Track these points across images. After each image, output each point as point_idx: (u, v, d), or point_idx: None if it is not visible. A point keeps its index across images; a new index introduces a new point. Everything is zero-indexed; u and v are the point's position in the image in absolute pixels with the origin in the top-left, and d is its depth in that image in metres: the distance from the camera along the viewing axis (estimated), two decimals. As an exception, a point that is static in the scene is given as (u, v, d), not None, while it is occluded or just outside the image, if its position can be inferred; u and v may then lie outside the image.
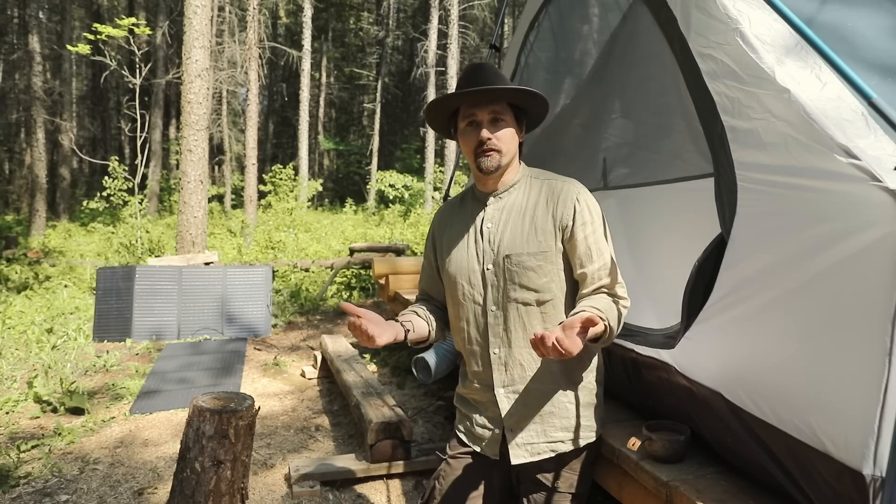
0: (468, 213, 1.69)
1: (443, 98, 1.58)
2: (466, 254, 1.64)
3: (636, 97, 2.51)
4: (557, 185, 1.60)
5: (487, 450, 1.65)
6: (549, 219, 1.56)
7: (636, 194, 2.60)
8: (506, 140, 1.57)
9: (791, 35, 1.65)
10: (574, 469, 1.62)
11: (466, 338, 1.67)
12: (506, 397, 1.60)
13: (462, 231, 1.68)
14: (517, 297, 1.56)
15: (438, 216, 1.81)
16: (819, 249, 1.44)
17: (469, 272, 1.63)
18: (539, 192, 1.61)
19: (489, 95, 1.53)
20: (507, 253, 1.57)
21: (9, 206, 23.96)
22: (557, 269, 1.57)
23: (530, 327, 1.57)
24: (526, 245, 1.56)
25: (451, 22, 19.45)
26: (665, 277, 2.12)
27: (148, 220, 13.85)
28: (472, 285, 1.62)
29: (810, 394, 1.46)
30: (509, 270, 1.56)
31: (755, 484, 1.74)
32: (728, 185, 1.78)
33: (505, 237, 1.59)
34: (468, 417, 1.70)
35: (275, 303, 7.39)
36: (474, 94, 1.52)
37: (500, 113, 1.56)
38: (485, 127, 1.55)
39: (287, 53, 21.97)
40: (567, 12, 3.27)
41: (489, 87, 1.50)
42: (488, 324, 1.61)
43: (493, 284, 1.59)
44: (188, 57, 8.05)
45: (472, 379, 1.69)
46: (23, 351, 5.39)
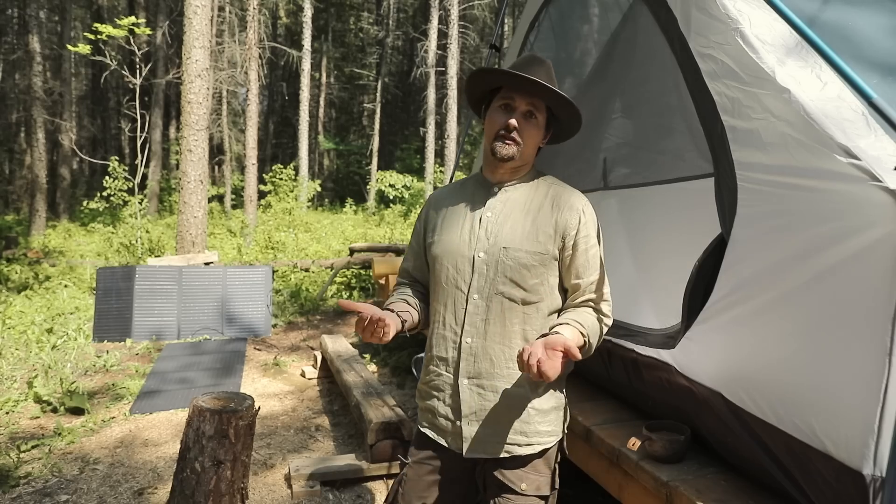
0: (469, 198, 1.67)
1: (494, 70, 1.59)
2: (458, 237, 1.62)
3: (636, 97, 2.51)
4: (565, 193, 1.61)
5: (452, 443, 1.61)
6: (551, 223, 1.56)
7: (636, 194, 2.60)
8: (529, 137, 1.57)
9: (791, 35, 1.65)
10: (539, 471, 1.59)
11: (441, 321, 1.64)
12: (469, 389, 1.58)
13: (459, 214, 1.66)
14: (504, 291, 1.55)
15: (435, 197, 1.78)
16: (819, 249, 1.44)
17: (457, 256, 1.61)
18: (545, 195, 1.61)
19: (536, 89, 1.53)
20: (504, 245, 1.56)
21: (9, 206, 23.94)
22: (549, 275, 1.57)
23: (510, 325, 1.56)
24: (525, 242, 1.55)
25: (451, 22, 19.44)
26: (665, 277, 2.12)
27: (148, 220, 13.85)
28: (458, 270, 1.60)
29: (810, 394, 1.46)
30: (503, 263, 1.55)
31: (755, 484, 1.74)
32: (728, 185, 1.78)
33: (505, 229, 1.58)
34: (431, 410, 1.66)
35: (275, 303, 7.39)
36: (523, 81, 1.52)
37: (537, 110, 1.56)
38: (517, 114, 1.55)
39: (287, 53, 21.97)
40: (567, 12, 3.27)
41: (539, 80, 1.50)
42: (468, 311, 1.58)
43: (482, 273, 1.57)
44: (188, 57, 8.04)
45: (436, 366, 1.65)
46: (23, 351, 5.39)
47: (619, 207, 2.64)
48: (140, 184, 10.25)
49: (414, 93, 27.47)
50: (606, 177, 2.71)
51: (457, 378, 1.60)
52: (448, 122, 19.84)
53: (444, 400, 1.63)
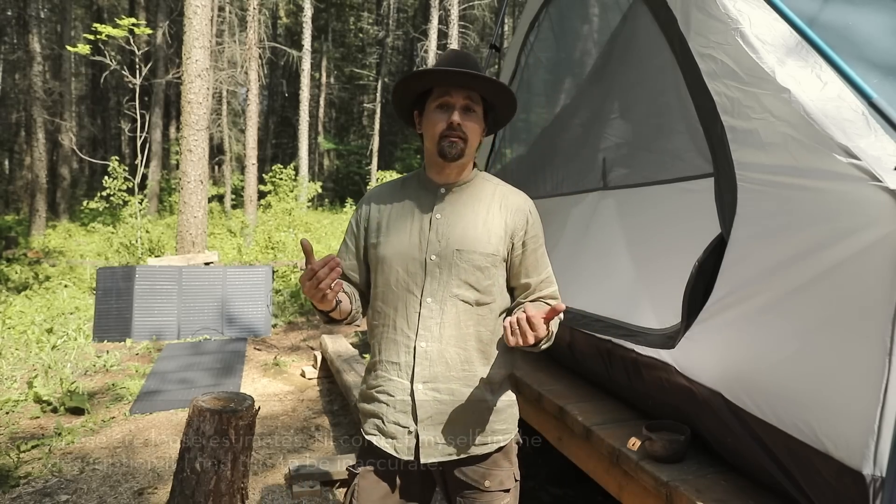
0: (414, 200, 1.64)
1: (422, 72, 1.54)
2: (408, 240, 1.59)
3: (636, 97, 2.51)
4: (511, 194, 1.64)
5: (402, 449, 1.57)
6: (501, 225, 1.57)
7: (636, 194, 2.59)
8: (471, 132, 1.55)
9: (791, 35, 1.65)
10: (500, 465, 1.59)
11: (391, 325, 1.60)
12: (424, 393, 1.55)
13: (404, 216, 1.62)
14: (459, 294, 1.54)
15: (374, 195, 1.72)
16: (819, 249, 1.44)
17: (408, 259, 1.57)
18: (492, 196, 1.61)
19: (469, 80, 1.51)
20: (457, 247, 1.54)
21: (9, 206, 23.94)
22: (500, 276, 1.59)
23: (464, 327, 1.54)
24: (477, 244, 1.54)
25: (451, 22, 19.44)
26: (665, 277, 2.11)
27: (148, 220, 13.84)
28: (409, 273, 1.57)
29: (810, 394, 1.46)
30: (457, 266, 1.53)
31: (755, 484, 1.74)
32: (728, 184, 1.78)
33: (456, 231, 1.56)
34: (377, 415, 1.62)
35: (275, 303, 7.39)
36: (457, 76, 1.50)
37: (474, 102, 1.55)
38: (457, 110, 1.53)
39: (287, 53, 21.97)
40: (567, 12, 3.27)
41: (472, 71, 1.49)
42: (421, 315, 1.55)
43: (435, 276, 1.55)
44: (188, 57, 8.05)
45: (385, 371, 1.61)
46: (23, 351, 5.39)
47: (618, 207, 2.63)
48: (140, 184, 10.24)
49: (414, 93, 27.41)
50: (605, 176, 2.71)
51: (412, 383, 1.56)
52: (448, 122, 19.83)
53: (395, 406, 1.58)
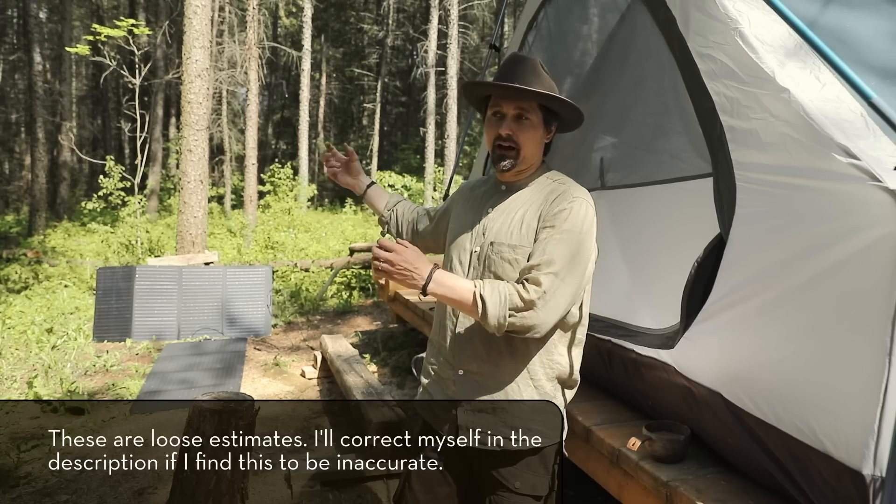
0: (481, 195, 1.71)
1: (475, 84, 1.64)
2: (464, 232, 1.66)
3: (634, 97, 2.51)
4: (563, 188, 1.56)
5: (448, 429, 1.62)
6: (536, 216, 1.54)
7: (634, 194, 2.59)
8: (526, 139, 1.54)
9: (791, 36, 1.65)
10: (534, 470, 1.57)
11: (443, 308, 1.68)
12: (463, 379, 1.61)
13: (470, 209, 1.70)
14: None
15: (463, 188, 1.84)
16: (818, 249, 1.44)
17: (460, 250, 1.65)
18: (542, 192, 1.59)
19: (514, 94, 1.52)
20: (492, 240, 1.57)
21: (9, 206, 23.93)
22: None
23: None
24: (508, 236, 1.55)
25: (451, 22, 19.43)
26: (664, 278, 2.11)
27: (148, 220, 13.83)
28: (460, 262, 1.64)
29: (810, 394, 1.46)
30: (489, 258, 1.56)
31: (755, 484, 1.74)
32: (727, 185, 1.78)
33: (496, 225, 1.59)
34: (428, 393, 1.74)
35: (275, 303, 7.38)
36: (501, 89, 1.52)
37: (527, 111, 1.53)
38: (508, 122, 1.53)
39: (287, 53, 21.97)
40: (565, 12, 3.27)
41: (518, 86, 1.49)
42: None
43: (474, 267, 1.60)
44: (188, 57, 8.04)
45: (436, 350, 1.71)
46: (23, 351, 5.39)
47: (616, 207, 2.63)
48: (140, 184, 10.23)
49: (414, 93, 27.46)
50: (603, 176, 2.71)
51: (452, 366, 1.62)
52: (448, 123, 19.84)
53: (441, 385, 1.67)
